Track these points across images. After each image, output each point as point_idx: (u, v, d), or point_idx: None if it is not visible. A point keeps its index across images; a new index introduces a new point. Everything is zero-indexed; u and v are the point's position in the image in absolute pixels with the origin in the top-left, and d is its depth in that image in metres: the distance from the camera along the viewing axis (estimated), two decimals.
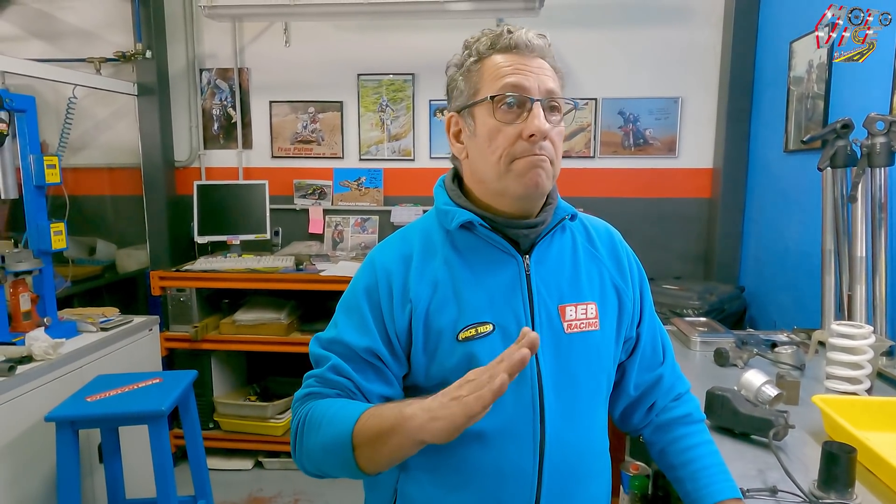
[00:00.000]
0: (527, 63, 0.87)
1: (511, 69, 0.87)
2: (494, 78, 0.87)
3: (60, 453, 1.78)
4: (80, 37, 3.27)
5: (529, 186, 0.86)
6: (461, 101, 0.92)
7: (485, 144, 0.88)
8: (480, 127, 0.89)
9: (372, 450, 0.78)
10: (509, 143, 0.86)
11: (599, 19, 3.08)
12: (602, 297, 0.96)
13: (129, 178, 3.37)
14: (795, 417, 1.25)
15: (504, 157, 0.86)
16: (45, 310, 2.14)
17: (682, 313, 2.43)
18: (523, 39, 0.87)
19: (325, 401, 0.87)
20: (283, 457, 3.01)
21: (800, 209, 2.40)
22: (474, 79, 0.90)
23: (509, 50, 0.88)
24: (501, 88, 0.86)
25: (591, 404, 0.96)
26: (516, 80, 0.86)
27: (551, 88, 0.87)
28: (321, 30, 3.24)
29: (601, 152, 3.17)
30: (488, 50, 0.89)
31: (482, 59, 0.89)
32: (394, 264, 0.92)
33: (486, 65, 0.89)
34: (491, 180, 0.89)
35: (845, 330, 1.47)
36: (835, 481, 1.00)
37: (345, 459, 0.80)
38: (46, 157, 2.05)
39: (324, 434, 0.83)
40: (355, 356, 0.89)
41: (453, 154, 0.97)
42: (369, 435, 0.78)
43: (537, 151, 0.85)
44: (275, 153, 3.38)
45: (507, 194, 0.89)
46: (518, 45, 0.87)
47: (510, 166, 0.86)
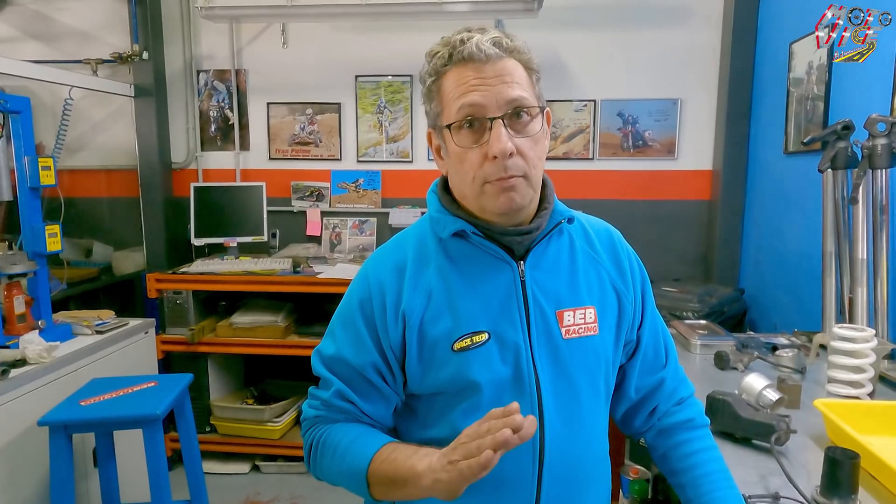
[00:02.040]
0: (482, 75, 0.83)
1: (466, 87, 0.83)
2: (451, 99, 0.85)
3: (54, 458, 1.76)
4: (77, 38, 3.26)
5: (504, 207, 0.85)
6: (431, 120, 0.91)
7: (457, 167, 0.87)
8: (450, 149, 0.87)
9: (386, 490, 0.85)
10: (477, 166, 0.84)
11: (598, 20, 3.08)
12: (601, 300, 0.95)
13: (125, 179, 3.35)
14: (797, 422, 1.24)
15: (475, 178, 0.85)
16: (40, 312, 2.12)
17: (681, 316, 2.42)
18: (475, 50, 0.82)
19: (340, 428, 0.92)
20: (281, 460, 2.99)
21: (800, 211, 2.39)
22: (436, 99, 0.88)
23: (464, 62, 0.84)
24: (458, 111, 0.83)
25: (591, 409, 0.94)
26: (471, 100, 0.82)
27: (513, 97, 0.82)
28: (319, 31, 3.23)
29: (600, 154, 3.16)
30: (444, 66, 0.86)
31: (440, 77, 0.87)
32: (387, 276, 0.91)
33: (444, 84, 0.86)
34: (471, 199, 0.89)
35: (847, 333, 1.46)
36: (838, 487, 0.98)
37: (360, 489, 0.88)
38: (41, 158, 2.04)
39: (339, 463, 0.89)
40: (357, 376, 0.91)
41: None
42: (383, 478, 0.84)
43: (504, 174, 0.83)
44: (272, 155, 3.36)
45: (487, 211, 0.88)
46: (472, 57, 0.83)
47: (483, 188, 0.85)
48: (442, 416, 0.90)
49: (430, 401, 0.92)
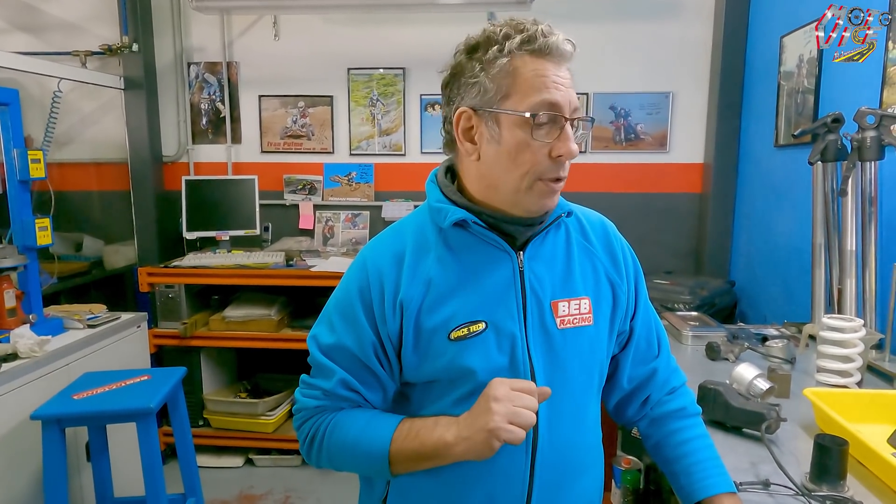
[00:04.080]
0: (560, 74, 0.83)
1: (548, 81, 0.82)
2: (531, 88, 0.81)
3: (47, 452, 1.75)
4: (66, 29, 3.22)
5: (546, 206, 0.88)
6: (483, 101, 0.84)
7: (509, 157, 0.84)
8: (508, 137, 0.83)
9: (412, 464, 0.88)
10: (536, 162, 0.83)
11: (591, 13, 3.08)
12: (596, 291, 0.96)
13: (116, 173, 3.32)
14: (787, 410, 1.25)
15: (529, 174, 0.84)
16: (31, 306, 2.11)
17: (673, 308, 2.44)
18: (559, 46, 0.82)
19: (346, 416, 0.92)
20: (274, 454, 2.99)
21: (790, 203, 2.41)
22: (504, 80, 0.82)
23: (543, 54, 0.82)
24: (539, 104, 0.81)
25: (584, 399, 0.95)
26: (553, 99, 0.81)
27: (577, 105, 0.85)
28: (311, 23, 3.21)
29: (593, 147, 3.17)
30: (520, 48, 0.82)
31: (514, 59, 0.82)
32: (386, 264, 0.91)
33: (518, 67, 0.82)
34: (507, 191, 0.87)
35: (836, 323, 1.48)
36: (827, 474, 1.00)
37: (380, 470, 0.89)
38: (31, 151, 2.02)
39: (354, 448, 0.90)
40: (358, 365, 0.91)
41: (446, 146, 0.94)
42: (410, 455, 0.87)
43: (561, 174, 0.85)
44: (264, 148, 3.35)
45: (520, 207, 0.88)
46: (552, 52, 0.82)
47: (533, 185, 0.85)
48: (435, 403, 0.91)
49: (425, 388, 0.92)
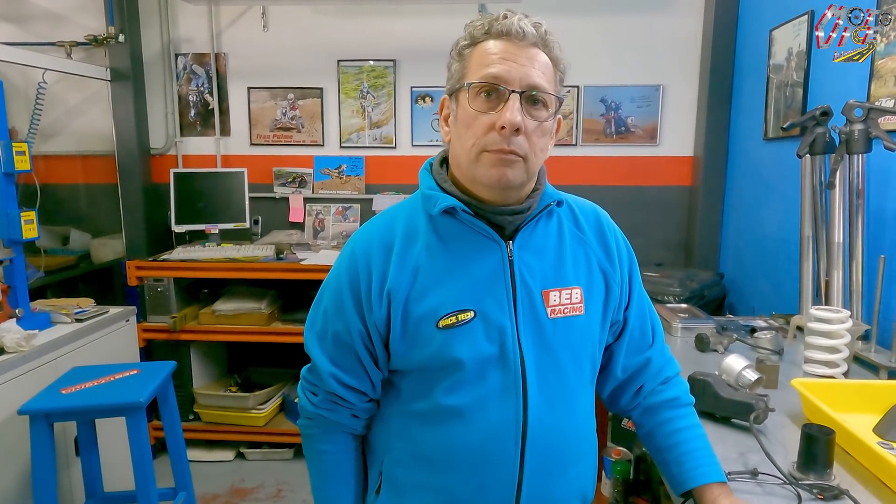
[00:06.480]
0: (516, 52, 0.85)
1: (497, 58, 0.85)
2: (480, 65, 0.86)
3: (35, 447, 1.74)
4: (50, 19, 3.17)
5: (494, 179, 0.86)
6: (450, 84, 0.92)
7: (462, 130, 0.88)
8: (461, 112, 0.88)
9: None
10: (482, 133, 0.85)
11: (582, 6, 3.07)
12: (588, 281, 0.96)
13: (103, 165, 3.28)
14: (775, 401, 1.27)
15: (475, 146, 0.86)
16: (17, 301, 2.08)
17: (663, 300, 2.45)
18: (515, 26, 0.85)
19: (329, 468, 1.02)
20: (266, 447, 2.98)
21: (779, 196, 2.43)
22: (464, 63, 0.89)
23: (501, 36, 0.86)
24: (482, 77, 0.85)
25: (575, 388, 0.95)
26: (498, 71, 0.84)
27: (535, 83, 0.85)
28: (300, 14, 3.17)
29: (583, 140, 3.17)
30: (483, 35, 0.87)
31: (475, 44, 0.88)
32: (374, 252, 0.92)
33: (476, 50, 0.88)
34: (465, 167, 0.90)
35: (823, 315, 1.49)
36: (814, 462, 1.01)
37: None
38: (15, 143, 1.99)
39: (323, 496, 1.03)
40: (346, 352, 0.94)
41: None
42: None
43: (506, 147, 0.84)
44: (254, 140, 3.32)
45: (478, 182, 0.89)
46: (509, 32, 0.85)
47: (479, 156, 0.86)
48: (424, 392, 0.91)
49: (413, 377, 0.93)
